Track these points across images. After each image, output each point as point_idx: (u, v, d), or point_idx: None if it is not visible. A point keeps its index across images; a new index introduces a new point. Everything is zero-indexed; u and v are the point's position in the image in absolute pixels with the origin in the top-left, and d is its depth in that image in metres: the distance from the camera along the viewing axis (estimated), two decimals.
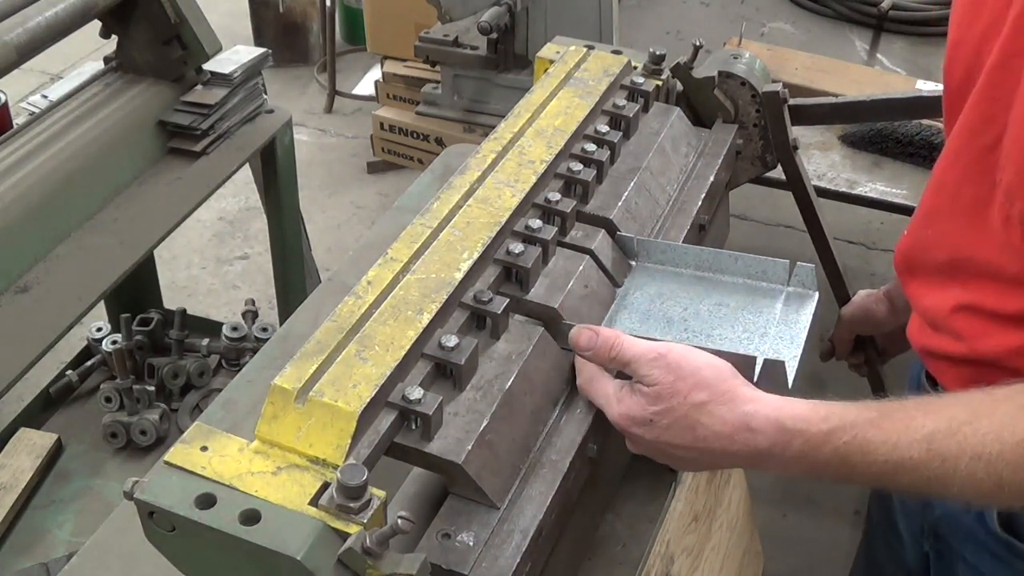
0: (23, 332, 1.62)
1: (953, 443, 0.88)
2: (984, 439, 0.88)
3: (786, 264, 1.15)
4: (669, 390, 0.97)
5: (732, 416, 0.95)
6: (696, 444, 0.97)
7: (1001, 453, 0.87)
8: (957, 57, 1.12)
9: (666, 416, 0.97)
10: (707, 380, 0.97)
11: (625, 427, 1.00)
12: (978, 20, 1.07)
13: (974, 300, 1.12)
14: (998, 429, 0.88)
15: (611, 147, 1.26)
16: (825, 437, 0.92)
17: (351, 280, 1.02)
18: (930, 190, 1.21)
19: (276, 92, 4.19)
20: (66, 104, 1.95)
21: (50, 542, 2.02)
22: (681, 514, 1.27)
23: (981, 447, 0.87)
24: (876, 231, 3.49)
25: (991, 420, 0.88)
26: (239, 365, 2.33)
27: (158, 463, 0.85)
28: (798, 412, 0.95)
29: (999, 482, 0.87)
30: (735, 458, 0.98)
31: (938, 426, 0.90)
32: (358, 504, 0.80)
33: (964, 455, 0.88)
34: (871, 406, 0.94)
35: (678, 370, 0.97)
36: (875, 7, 3.21)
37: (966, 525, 1.20)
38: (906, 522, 1.37)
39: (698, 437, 0.96)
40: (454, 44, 2.80)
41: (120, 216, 1.88)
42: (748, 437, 0.95)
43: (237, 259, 3.61)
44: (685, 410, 0.96)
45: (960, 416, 0.90)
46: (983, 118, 1.06)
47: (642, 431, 0.99)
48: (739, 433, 0.95)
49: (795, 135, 1.50)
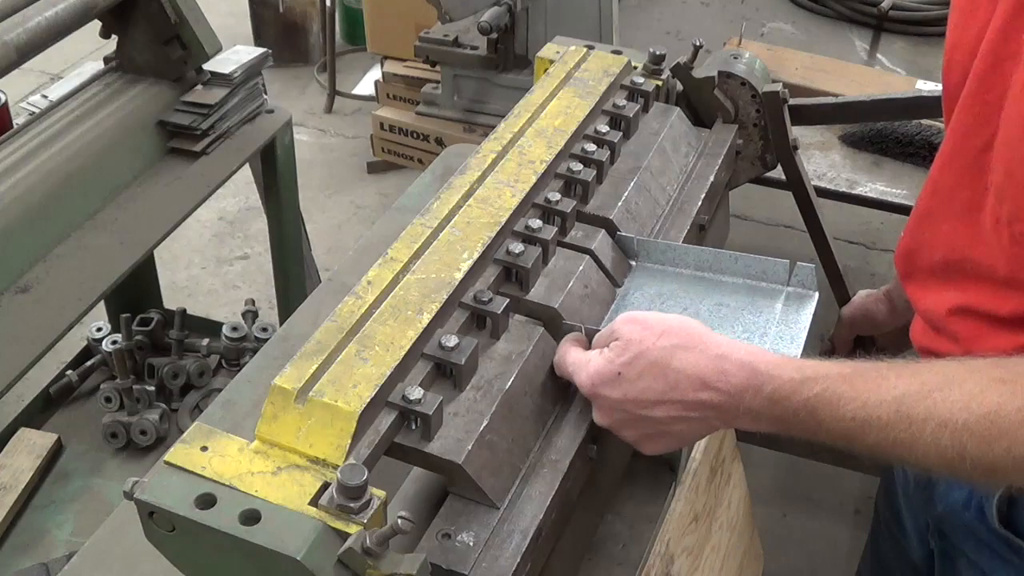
0: (23, 332, 1.62)
1: (922, 407, 0.88)
2: (952, 407, 0.87)
3: (786, 264, 1.15)
4: (637, 338, 0.96)
5: (704, 359, 0.94)
6: (667, 394, 0.95)
7: (967, 423, 0.86)
8: (954, 60, 1.13)
9: (635, 365, 0.95)
10: (675, 327, 0.96)
11: (592, 388, 0.98)
12: (973, 23, 1.07)
13: (970, 302, 1.12)
14: (967, 399, 0.87)
15: (611, 147, 1.26)
16: (797, 386, 0.91)
17: (351, 280, 1.02)
18: (925, 192, 1.21)
19: (276, 92, 4.19)
20: (66, 104, 1.95)
21: (50, 542, 2.02)
22: (681, 514, 1.27)
23: (949, 414, 0.87)
24: (876, 231, 3.49)
25: (961, 389, 0.88)
26: (239, 365, 2.33)
27: (158, 463, 0.85)
28: (771, 359, 0.94)
29: (962, 452, 0.87)
30: (706, 408, 0.95)
31: (909, 389, 0.89)
32: (358, 504, 0.80)
33: (931, 420, 0.87)
34: (845, 363, 0.93)
35: (644, 322, 0.97)
36: (875, 7, 3.21)
37: (967, 522, 1.20)
38: (912, 519, 1.38)
39: (669, 384, 0.94)
40: (454, 44, 2.80)
41: (120, 216, 1.88)
42: (720, 380, 0.93)
43: (237, 259, 3.61)
44: (655, 355, 0.95)
45: (932, 382, 0.89)
46: (976, 121, 1.06)
47: (610, 389, 0.97)
48: (711, 375, 0.93)
49: (795, 135, 1.50)
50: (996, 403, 0.86)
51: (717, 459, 1.41)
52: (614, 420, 0.99)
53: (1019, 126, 0.97)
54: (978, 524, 1.18)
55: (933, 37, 3.19)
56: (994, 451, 0.86)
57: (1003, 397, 0.86)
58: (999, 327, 1.08)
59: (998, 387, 0.87)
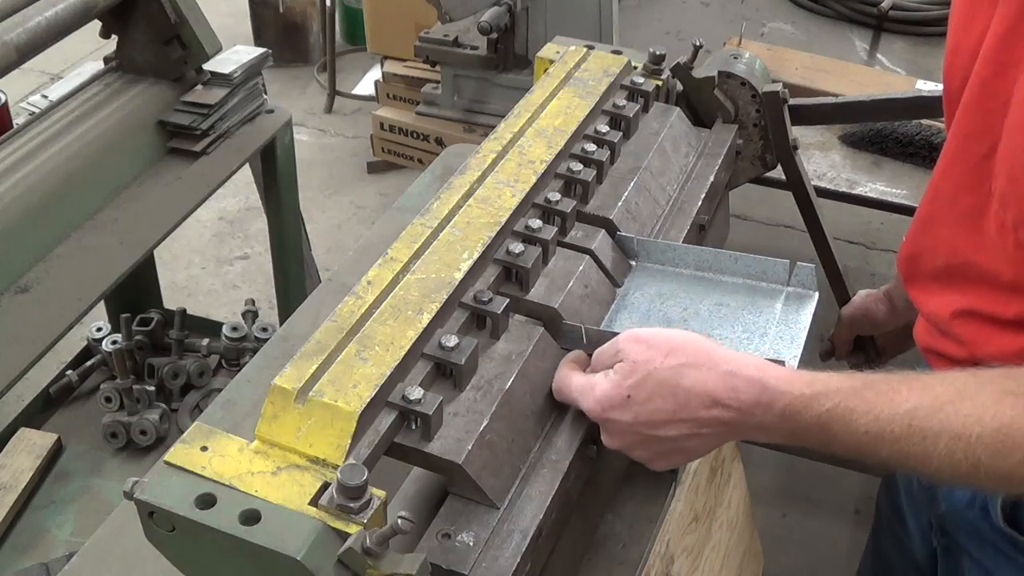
0: (23, 332, 1.62)
1: (935, 421, 0.88)
2: (966, 421, 0.87)
3: (786, 264, 1.15)
4: (644, 359, 0.94)
5: (713, 376, 0.93)
6: (678, 413, 0.94)
7: (980, 436, 0.86)
8: (955, 64, 1.12)
9: (644, 387, 0.94)
10: (681, 344, 0.95)
11: (602, 413, 0.97)
12: (973, 27, 1.07)
13: (973, 305, 1.12)
14: (980, 412, 0.87)
15: (611, 147, 1.26)
16: (808, 401, 0.91)
17: (351, 280, 1.02)
18: (927, 197, 1.21)
19: (276, 92, 4.19)
20: (66, 104, 1.95)
21: (50, 542, 2.02)
22: (681, 514, 1.27)
23: (962, 428, 0.87)
24: (876, 231, 3.49)
25: (974, 402, 0.88)
26: (239, 365, 2.33)
27: (158, 463, 0.85)
28: (781, 374, 0.93)
29: (976, 464, 0.87)
30: (718, 424, 0.94)
31: (921, 402, 0.89)
32: (358, 504, 0.80)
33: (944, 434, 0.87)
34: (856, 376, 0.93)
35: (649, 340, 0.96)
36: (875, 7, 3.21)
37: (970, 520, 1.20)
38: (915, 517, 1.38)
39: (679, 403, 0.93)
40: (454, 44, 2.80)
41: (120, 216, 1.88)
42: (731, 396, 0.92)
43: (237, 259, 3.61)
44: (663, 375, 0.94)
45: (944, 395, 0.89)
46: (978, 127, 1.06)
47: (620, 412, 0.95)
48: (722, 393, 0.92)
49: (795, 135, 1.50)
50: (1009, 416, 0.86)
51: (717, 459, 1.41)
52: (626, 443, 0.98)
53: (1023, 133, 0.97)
54: (982, 522, 1.18)
55: (933, 37, 3.19)
56: (1008, 463, 0.86)
57: (1016, 411, 0.87)
58: (1003, 329, 1.08)
59: (1011, 400, 0.87)
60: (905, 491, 1.39)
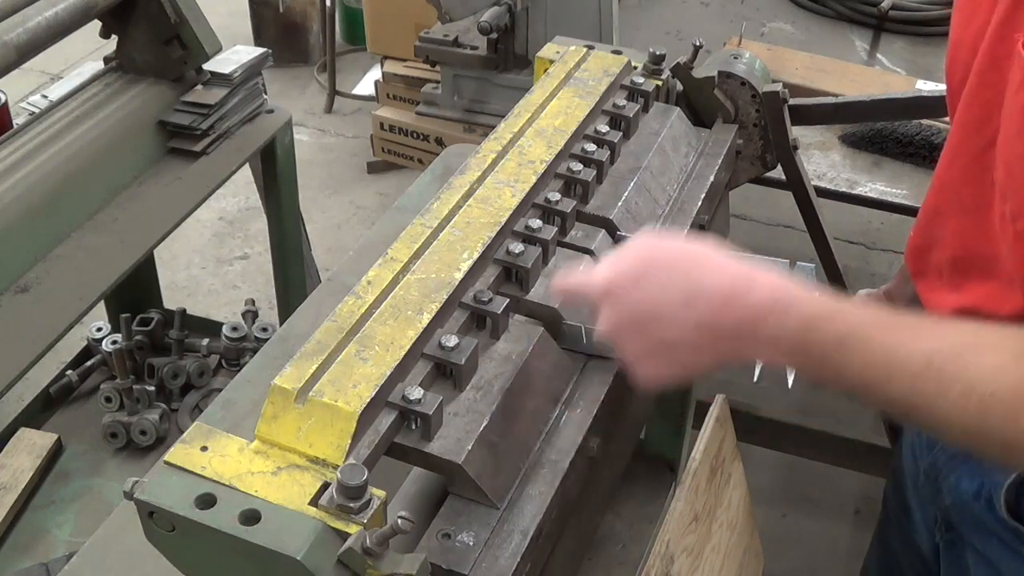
0: (23, 332, 1.62)
1: (953, 367, 0.85)
2: (983, 373, 0.84)
3: (786, 264, 1.15)
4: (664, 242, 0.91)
5: (732, 269, 0.89)
6: (684, 310, 0.89)
7: (995, 392, 0.84)
8: (957, 58, 1.13)
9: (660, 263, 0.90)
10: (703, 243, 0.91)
11: (609, 286, 0.92)
12: (974, 21, 1.07)
13: (973, 303, 1.12)
14: (999, 367, 0.84)
15: (611, 147, 1.26)
16: (829, 315, 0.87)
17: (351, 280, 1.02)
18: (933, 189, 1.22)
19: (276, 92, 4.18)
20: (66, 104, 1.95)
21: (50, 542, 2.02)
22: (681, 514, 1.27)
23: (978, 379, 0.84)
24: (876, 231, 3.49)
25: (994, 356, 0.85)
26: (239, 365, 2.33)
27: (158, 463, 0.85)
28: (800, 287, 0.90)
29: (985, 420, 0.84)
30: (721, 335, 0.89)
31: (942, 345, 0.86)
32: (358, 504, 0.80)
33: (960, 382, 0.85)
34: (882, 309, 0.90)
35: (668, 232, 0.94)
36: (875, 7, 3.21)
37: (975, 512, 1.20)
38: (921, 511, 1.38)
39: (690, 295, 0.88)
40: (454, 44, 2.80)
41: (120, 216, 1.88)
42: (745, 296, 0.88)
43: (237, 259, 3.61)
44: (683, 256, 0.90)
45: (967, 343, 0.86)
46: (978, 118, 1.07)
47: (629, 286, 0.91)
48: (737, 289, 0.88)
49: (795, 135, 1.50)
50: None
51: (717, 459, 1.41)
52: (622, 326, 0.94)
53: (1016, 122, 0.97)
54: (986, 514, 1.18)
55: (933, 37, 3.19)
56: (1019, 426, 0.84)
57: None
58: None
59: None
60: (912, 485, 1.39)
